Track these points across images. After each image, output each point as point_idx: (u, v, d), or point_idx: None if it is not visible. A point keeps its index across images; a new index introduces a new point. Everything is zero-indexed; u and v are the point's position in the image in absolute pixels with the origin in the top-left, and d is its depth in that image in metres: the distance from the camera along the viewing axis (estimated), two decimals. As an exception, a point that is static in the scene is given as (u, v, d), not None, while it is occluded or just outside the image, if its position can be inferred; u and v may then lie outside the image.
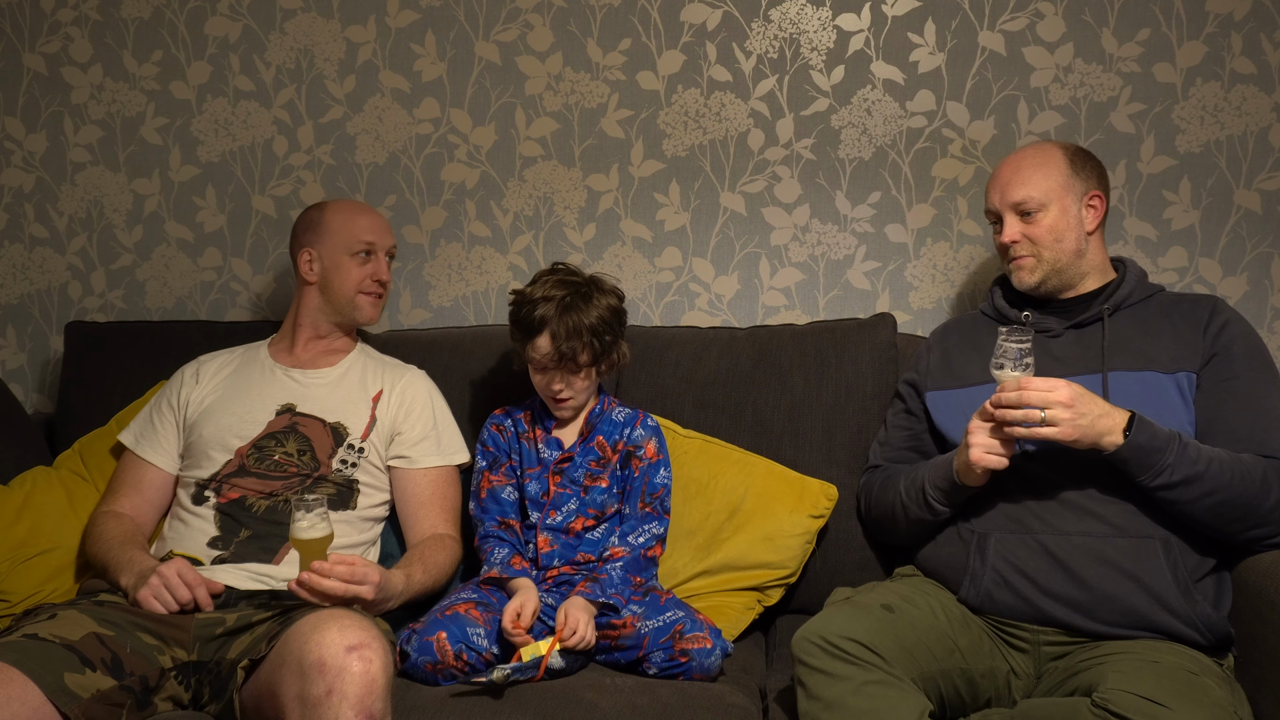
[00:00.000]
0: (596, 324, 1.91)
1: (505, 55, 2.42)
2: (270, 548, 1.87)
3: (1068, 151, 1.90)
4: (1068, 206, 1.86)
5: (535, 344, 1.91)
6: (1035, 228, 1.86)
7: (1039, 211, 1.86)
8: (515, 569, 1.87)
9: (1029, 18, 2.30)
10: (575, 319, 1.89)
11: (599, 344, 1.92)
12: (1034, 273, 1.88)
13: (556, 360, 1.90)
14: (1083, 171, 1.89)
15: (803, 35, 2.35)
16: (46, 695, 1.48)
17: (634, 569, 1.89)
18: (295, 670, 1.46)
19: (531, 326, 1.90)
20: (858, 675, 1.51)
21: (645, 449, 1.98)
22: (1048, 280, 1.87)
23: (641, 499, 1.95)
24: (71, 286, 2.56)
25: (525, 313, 1.92)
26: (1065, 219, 1.86)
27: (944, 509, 1.81)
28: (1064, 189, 1.86)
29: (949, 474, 1.78)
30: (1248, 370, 1.76)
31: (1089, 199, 1.88)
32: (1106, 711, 1.41)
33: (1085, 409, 1.64)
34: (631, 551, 1.90)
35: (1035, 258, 1.87)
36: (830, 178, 2.37)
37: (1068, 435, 1.64)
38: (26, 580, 1.95)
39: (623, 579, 1.85)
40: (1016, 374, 1.68)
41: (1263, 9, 2.25)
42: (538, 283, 1.95)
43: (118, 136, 2.53)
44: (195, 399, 2.04)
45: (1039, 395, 1.64)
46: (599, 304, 1.92)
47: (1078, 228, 1.87)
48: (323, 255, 2.09)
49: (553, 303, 1.89)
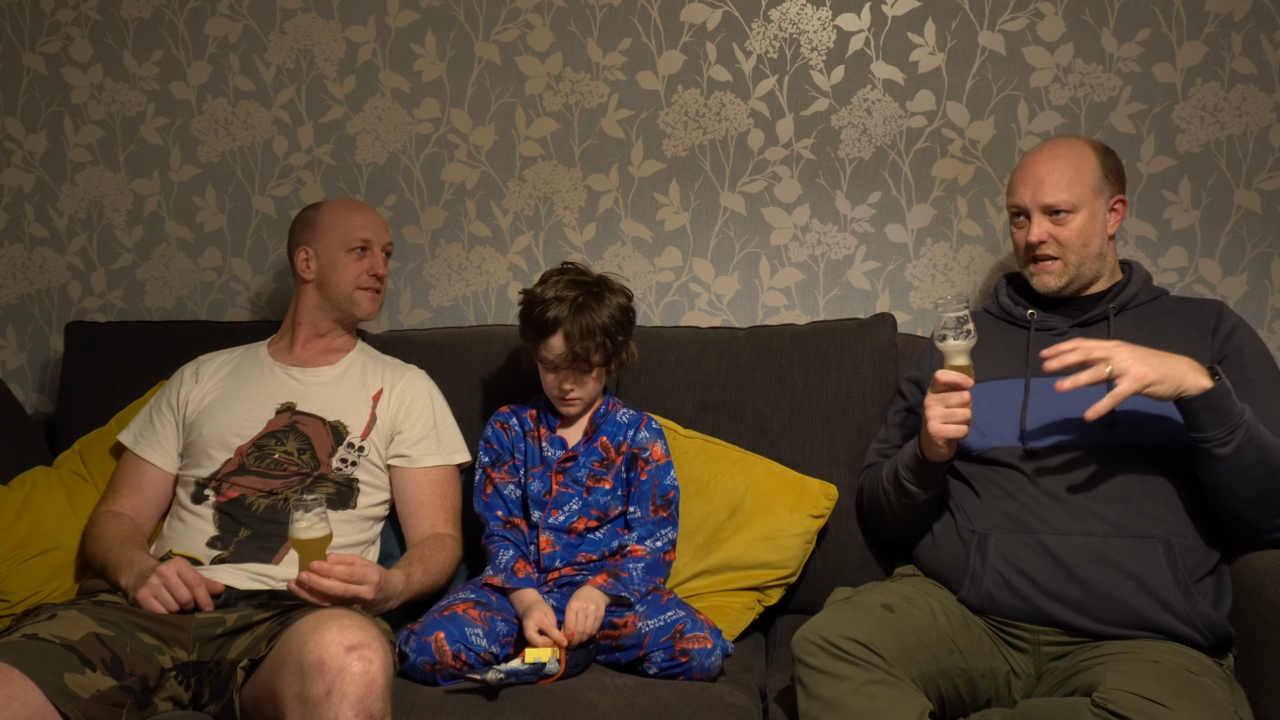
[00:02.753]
0: (609, 324, 1.91)
1: (505, 55, 2.42)
2: (270, 548, 1.87)
3: (1099, 153, 1.88)
4: (1096, 211, 1.85)
5: (548, 344, 1.91)
6: (1064, 230, 1.84)
7: (1069, 214, 1.84)
8: (519, 578, 1.87)
9: (1029, 18, 2.30)
10: (589, 319, 1.89)
11: (611, 344, 1.92)
12: (1060, 277, 1.86)
13: (570, 360, 1.91)
14: (1111, 174, 1.88)
15: (803, 35, 2.35)
16: (46, 695, 1.48)
17: (654, 571, 1.90)
18: (295, 670, 1.46)
19: (545, 327, 1.90)
20: (858, 675, 1.51)
21: (652, 451, 1.98)
22: (1071, 284, 1.87)
23: (653, 502, 1.95)
24: (71, 286, 2.56)
25: (538, 313, 1.91)
26: (1093, 223, 1.85)
27: (917, 490, 1.83)
28: (1095, 193, 1.85)
29: (915, 452, 1.81)
30: (1259, 374, 1.76)
31: (1114, 202, 1.88)
32: (1106, 711, 1.41)
33: (1146, 351, 1.61)
34: (652, 555, 1.91)
35: (1062, 261, 1.85)
36: (830, 178, 2.37)
37: (1146, 375, 1.59)
38: (26, 580, 1.95)
39: (643, 579, 1.86)
40: (961, 342, 1.70)
41: (1263, 9, 2.25)
42: (548, 283, 1.94)
43: (118, 136, 2.53)
44: (195, 398, 2.04)
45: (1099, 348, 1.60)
46: (610, 304, 1.93)
47: (1102, 232, 1.86)
48: (319, 253, 2.10)
49: (566, 303, 1.89)
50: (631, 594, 1.81)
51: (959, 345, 1.71)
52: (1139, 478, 1.72)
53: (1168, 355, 1.63)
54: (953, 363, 1.72)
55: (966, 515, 1.80)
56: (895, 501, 1.88)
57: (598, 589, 1.81)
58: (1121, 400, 1.60)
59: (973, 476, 1.83)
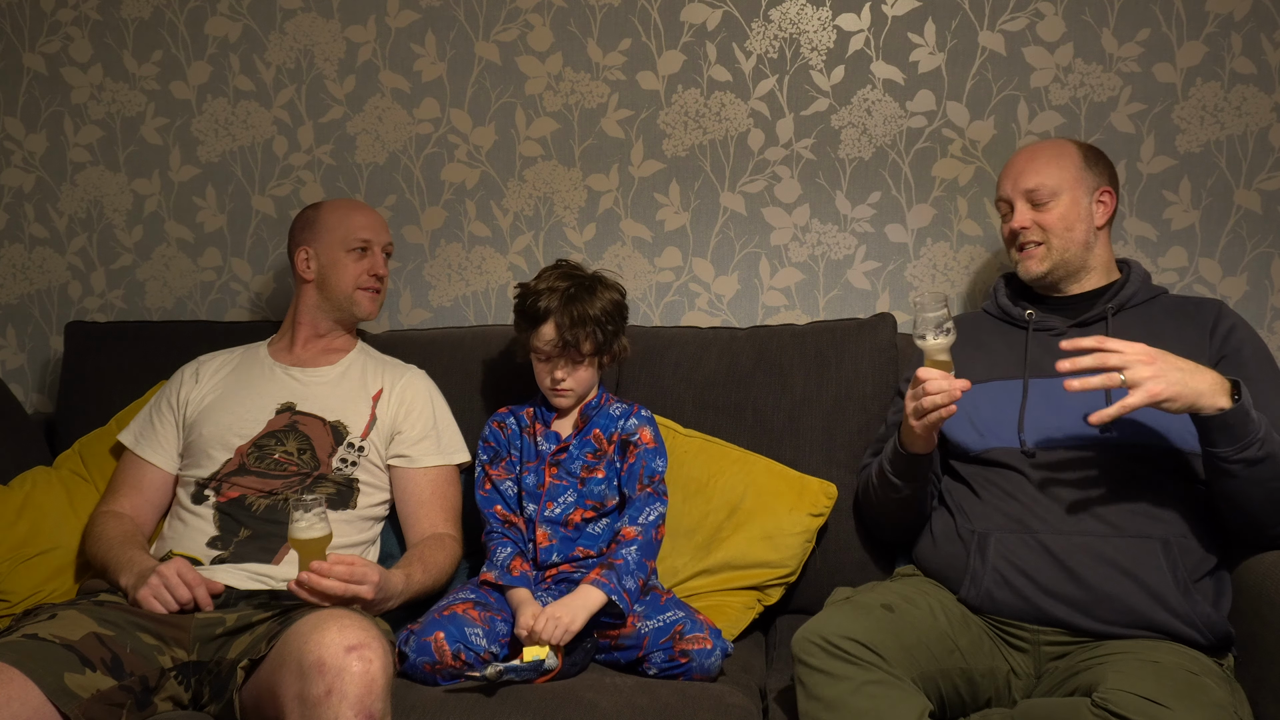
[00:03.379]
0: (600, 315, 1.94)
1: (505, 55, 2.42)
2: (270, 548, 1.87)
3: (1080, 147, 1.94)
4: (1079, 198, 1.89)
5: (540, 332, 1.94)
6: (1046, 215, 1.89)
7: (1051, 200, 1.89)
8: (513, 575, 1.87)
9: (1029, 18, 2.30)
10: (579, 308, 1.92)
11: (602, 334, 1.95)
12: (1042, 262, 1.90)
13: (560, 348, 1.93)
14: (1095, 167, 1.93)
15: (803, 35, 2.35)
16: (46, 695, 1.48)
17: (648, 553, 1.89)
18: (295, 670, 1.46)
19: (536, 315, 1.94)
20: (857, 675, 1.51)
21: (641, 435, 1.99)
22: (1054, 271, 1.89)
23: (640, 481, 1.96)
24: (71, 286, 2.56)
25: (530, 302, 1.95)
26: (1076, 209, 1.89)
27: (899, 482, 1.84)
28: (1076, 180, 1.90)
29: (896, 445, 1.83)
30: (1258, 373, 1.76)
31: (1099, 194, 1.91)
32: (1106, 711, 1.41)
33: (1167, 364, 1.58)
34: (644, 533, 1.90)
35: (1045, 245, 1.89)
36: (830, 178, 2.37)
37: (1160, 392, 1.55)
38: (26, 580, 1.95)
39: (638, 563, 1.85)
40: (940, 340, 1.70)
41: (1263, 9, 2.25)
42: (542, 276, 1.99)
43: (118, 136, 2.53)
44: (195, 398, 2.04)
45: (1118, 354, 1.57)
46: (602, 296, 1.97)
47: (1087, 220, 1.89)
48: (319, 253, 2.10)
49: (557, 293, 1.93)
50: (621, 597, 1.79)
51: (940, 343, 1.72)
52: (1138, 478, 1.72)
53: (1192, 370, 1.59)
54: (934, 359, 1.73)
55: (966, 515, 1.80)
56: (881, 494, 1.91)
57: (591, 585, 1.80)
58: (1128, 412, 1.59)
59: (972, 477, 1.83)
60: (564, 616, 1.74)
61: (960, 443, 1.86)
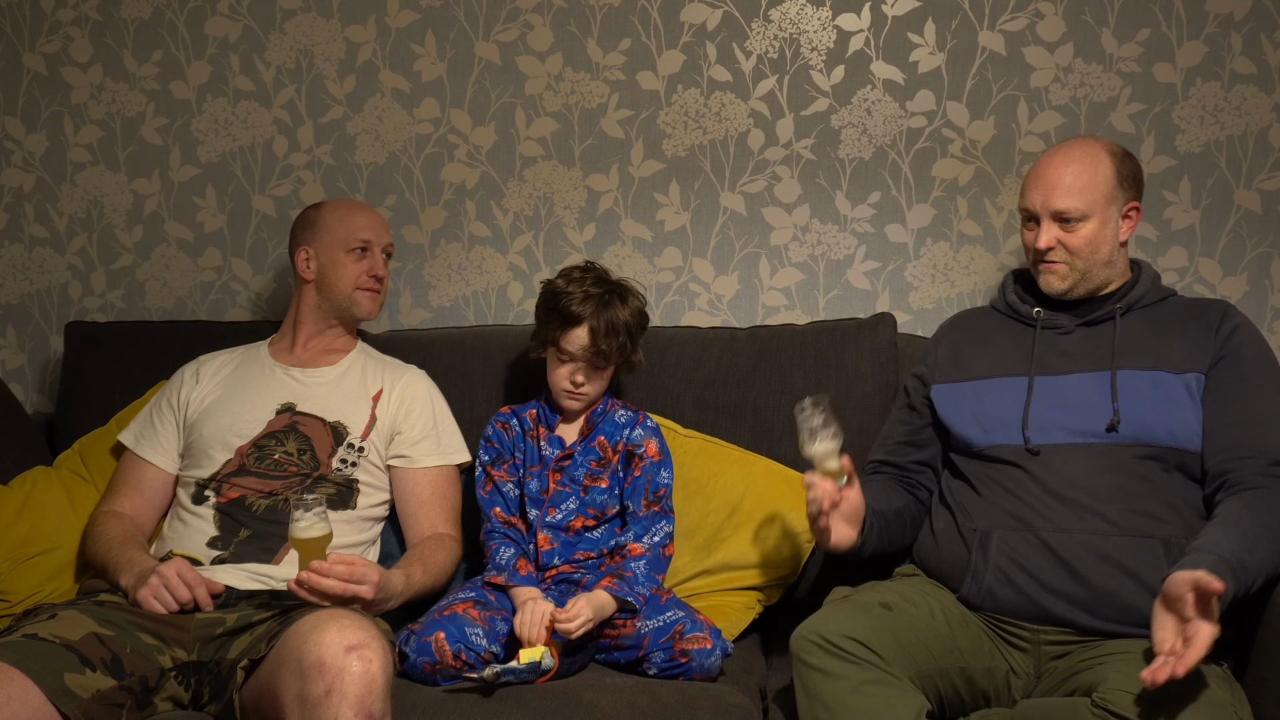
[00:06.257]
0: (630, 323, 1.96)
1: (505, 55, 2.42)
2: (270, 548, 1.87)
3: (1115, 158, 1.83)
4: (1108, 218, 1.82)
5: (571, 335, 1.94)
6: (1073, 237, 1.81)
7: (1079, 221, 1.81)
8: (520, 575, 1.87)
9: (1029, 18, 2.30)
10: (613, 316, 1.94)
11: (629, 344, 1.97)
12: (1065, 280, 1.84)
13: (590, 354, 1.93)
14: (1127, 181, 1.83)
15: (803, 35, 2.35)
16: (46, 695, 1.48)
17: (656, 567, 1.90)
18: (295, 670, 1.46)
19: (570, 318, 1.93)
20: (856, 674, 1.51)
21: (646, 448, 1.98)
22: (1075, 288, 1.85)
23: (645, 497, 1.95)
24: (71, 286, 2.56)
25: (564, 303, 1.94)
26: (1103, 231, 1.81)
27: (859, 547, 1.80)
28: (1108, 201, 1.81)
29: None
30: (1257, 373, 1.76)
31: (1128, 209, 1.84)
32: (1106, 711, 1.42)
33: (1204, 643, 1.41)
34: (651, 550, 1.91)
35: (1068, 265, 1.83)
36: (830, 178, 2.37)
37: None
38: (26, 580, 1.95)
39: (647, 576, 1.87)
40: (829, 444, 1.68)
41: (1263, 9, 2.25)
42: (573, 278, 1.98)
43: (118, 136, 2.53)
44: (195, 399, 2.04)
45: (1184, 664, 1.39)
46: (631, 305, 1.98)
47: (1113, 239, 1.83)
48: (319, 253, 2.10)
49: (593, 299, 1.93)
50: (636, 599, 1.80)
51: (829, 448, 1.69)
52: (1140, 478, 1.72)
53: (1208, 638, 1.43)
54: (825, 467, 1.70)
55: (968, 513, 1.80)
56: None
57: (604, 590, 1.80)
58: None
59: (974, 474, 1.83)
60: (587, 610, 1.73)
61: (964, 438, 1.86)
